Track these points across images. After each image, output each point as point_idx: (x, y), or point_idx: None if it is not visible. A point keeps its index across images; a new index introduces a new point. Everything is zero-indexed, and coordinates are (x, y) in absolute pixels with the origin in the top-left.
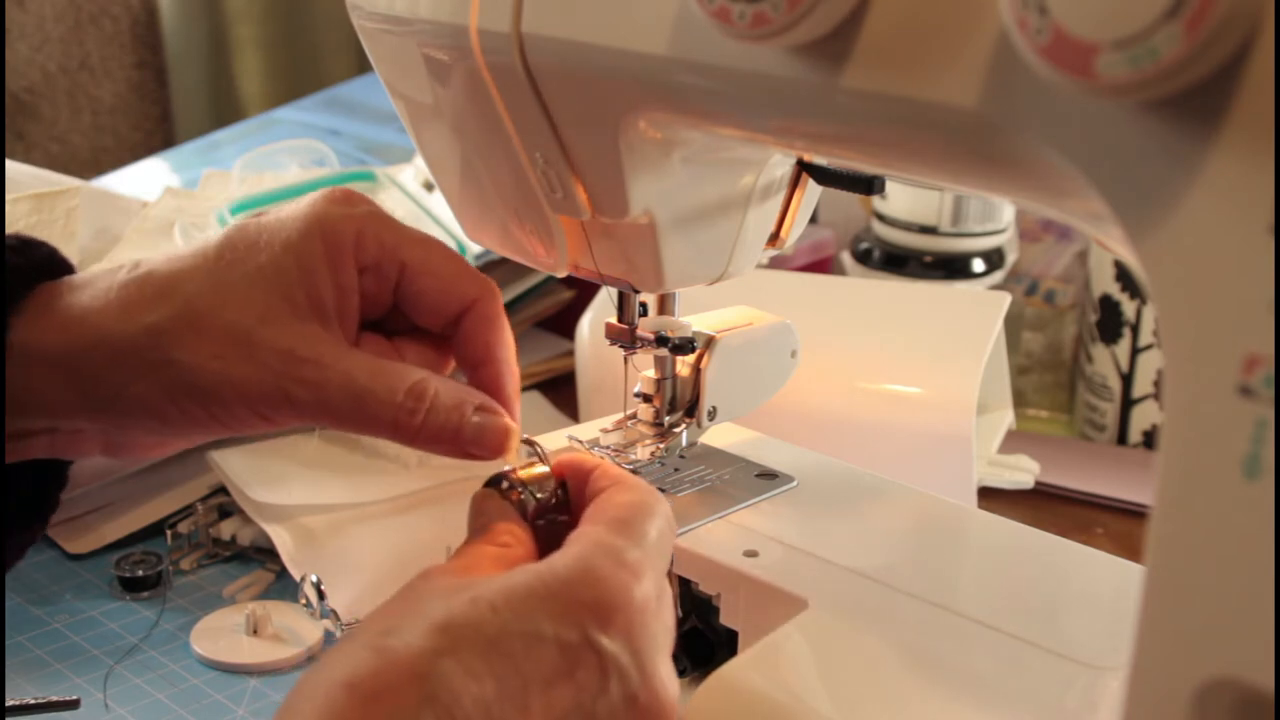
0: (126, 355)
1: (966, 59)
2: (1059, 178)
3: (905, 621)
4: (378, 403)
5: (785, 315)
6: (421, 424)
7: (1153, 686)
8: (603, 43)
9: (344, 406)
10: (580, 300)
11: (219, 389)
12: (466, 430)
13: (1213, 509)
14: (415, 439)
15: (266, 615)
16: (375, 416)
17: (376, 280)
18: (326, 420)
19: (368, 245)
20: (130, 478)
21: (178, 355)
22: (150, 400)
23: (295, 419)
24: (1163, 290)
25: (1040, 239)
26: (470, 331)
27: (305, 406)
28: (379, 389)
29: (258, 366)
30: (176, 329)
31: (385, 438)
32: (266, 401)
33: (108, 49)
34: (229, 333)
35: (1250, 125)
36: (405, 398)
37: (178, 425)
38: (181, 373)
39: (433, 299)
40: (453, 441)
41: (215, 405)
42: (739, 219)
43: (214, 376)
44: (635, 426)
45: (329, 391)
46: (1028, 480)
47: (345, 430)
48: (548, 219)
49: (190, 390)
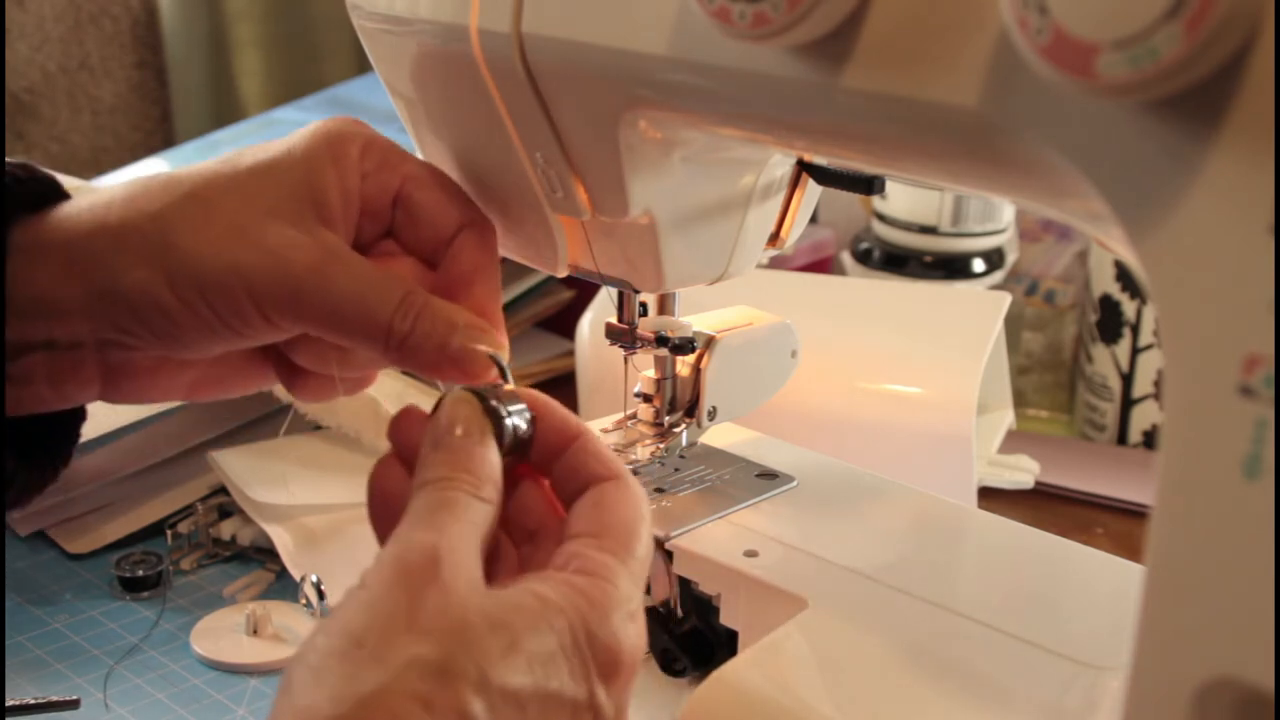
0: (128, 240)
1: (967, 59)
2: (1059, 178)
3: (905, 621)
4: (379, 301)
5: (785, 315)
6: (410, 331)
7: (1153, 686)
8: (603, 43)
9: (348, 304)
10: (580, 300)
11: (223, 277)
12: (452, 345)
13: (1213, 509)
14: (402, 349)
15: (266, 615)
16: (373, 318)
17: (378, 188)
18: (326, 326)
19: (371, 153)
20: (130, 478)
21: (182, 241)
22: (151, 290)
23: (295, 320)
24: (1163, 290)
25: (1040, 239)
26: (461, 251)
27: (310, 300)
28: (381, 288)
29: (264, 255)
30: (181, 216)
31: (374, 347)
32: (271, 295)
33: (108, 49)
34: (235, 222)
35: (1250, 125)
36: (402, 302)
37: (179, 326)
38: (185, 259)
39: (431, 213)
40: (437, 355)
41: (218, 298)
42: (739, 219)
43: (219, 263)
44: (635, 426)
45: (336, 285)
46: (1028, 480)
47: (336, 338)
48: (548, 219)
49: (193, 279)
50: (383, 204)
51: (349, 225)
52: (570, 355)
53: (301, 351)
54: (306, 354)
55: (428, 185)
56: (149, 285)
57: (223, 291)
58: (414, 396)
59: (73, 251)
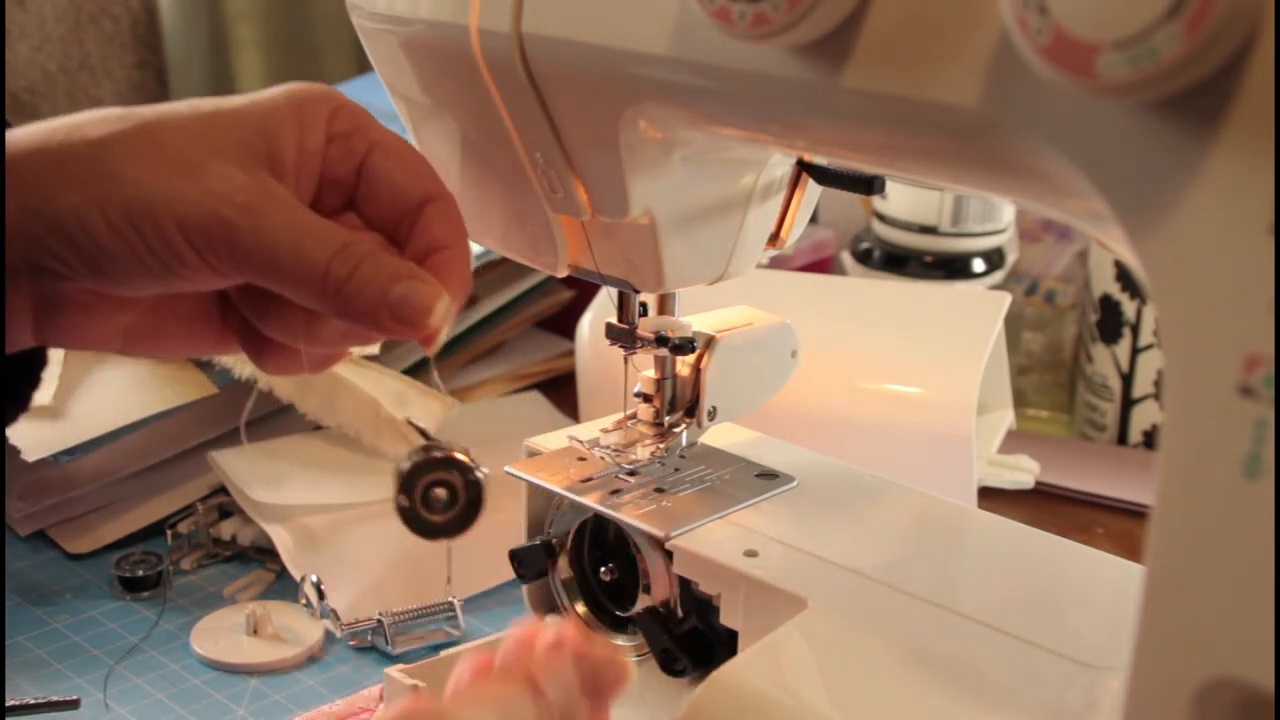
0: (66, 163)
1: (967, 59)
2: (1059, 178)
3: (905, 621)
4: (315, 244)
5: (785, 315)
6: (349, 277)
7: (1153, 686)
8: (603, 43)
9: (283, 246)
10: (580, 300)
11: (158, 210)
12: (393, 293)
13: (1213, 509)
14: (339, 296)
15: (266, 615)
16: (310, 263)
17: (343, 152)
18: (260, 269)
19: (343, 116)
20: (130, 478)
21: (121, 169)
22: (82, 214)
23: (229, 261)
24: (1163, 290)
25: (1040, 239)
26: (428, 227)
27: (243, 241)
28: (320, 232)
29: (203, 192)
30: (124, 144)
31: (310, 299)
32: (204, 231)
33: (108, 49)
34: (180, 157)
35: (1250, 125)
36: (342, 249)
37: (110, 256)
38: (122, 187)
39: (397, 182)
40: (376, 303)
41: (149, 228)
42: (739, 219)
43: (155, 195)
44: (635, 426)
45: (271, 225)
46: (1028, 480)
47: (272, 283)
48: (548, 219)
49: (124, 206)
50: (347, 170)
51: (304, 184)
52: (570, 355)
53: (269, 320)
54: (273, 323)
55: (393, 155)
56: (81, 209)
57: (154, 222)
58: (414, 397)
59: (10, 171)
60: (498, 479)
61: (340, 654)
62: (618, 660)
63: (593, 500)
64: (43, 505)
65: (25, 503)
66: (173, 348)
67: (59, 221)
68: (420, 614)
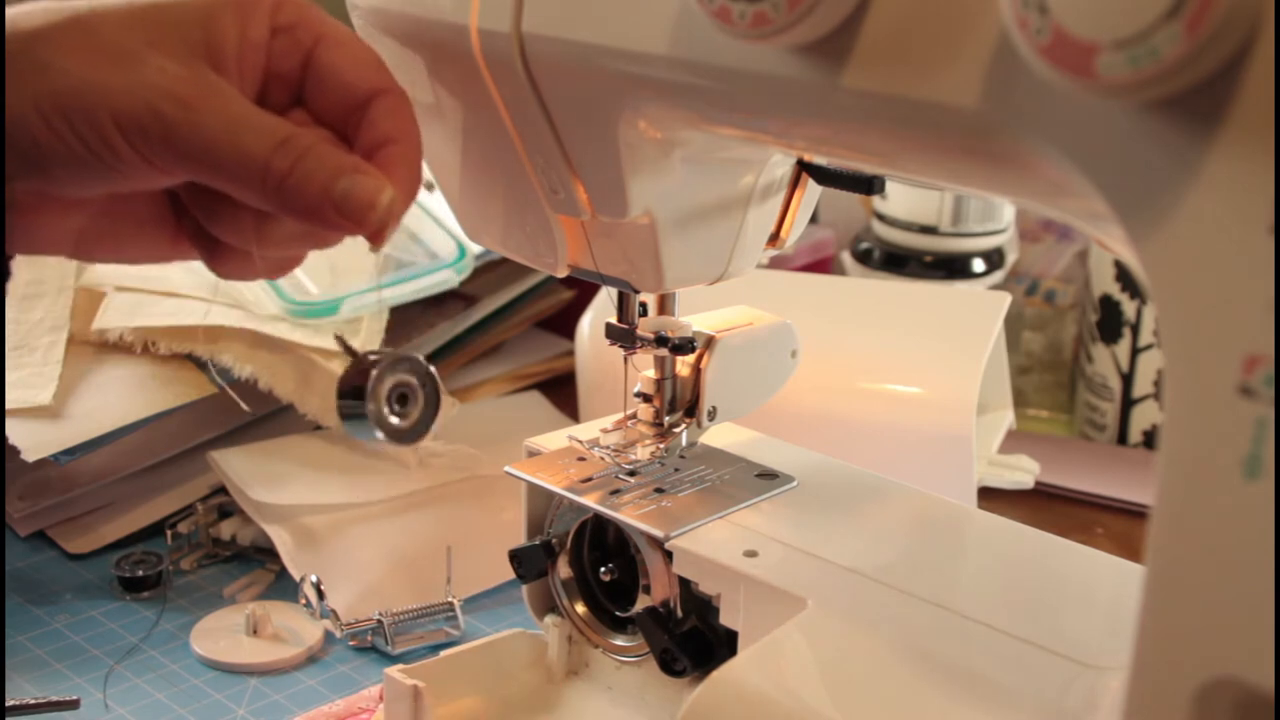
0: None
1: (966, 59)
2: (1059, 178)
3: (905, 621)
4: (255, 138)
5: (785, 315)
6: (290, 171)
7: (1153, 686)
8: (603, 43)
9: (222, 139)
10: (580, 300)
11: (89, 101)
12: (337, 187)
13: (1213, 509)
14: (280, 190)
15: (266, 615)
16: (250, 157)
17: (289, 45)
18: (199, 164)
19: (287, 8)
20: (130, 478)
21: (54, 60)
22: (15, 109)
23: (167, 155)
24: (1163, 290)
25: (1040, 239)
26: (377, 116)
27: (180, 134)
28: (260, 125)
29: (136, 82)
30: (58, 36)
31: (252, 195)
32: (139, 125)
33: None
34: (114, 47)
35: (1250, 125)
36: (284, 142)
37: (46, 154)
38: (54, 79)
39: (345, 76)
40: (319, 198)
41: (84, 123)
42: (739, 219)
43: (88, 86)
44: (635, 426)
45: (209, 118)
46: (1028, 480)
47: (211, 178)
48: (548, 219)
49: (61, 101)
50: (292, 64)
51: (247, 78)
52: (570, 355)
53: (218, 221)
54: (224, 225)
55: (341, 48)
56: (13, 104)
57: (88, 117)
58: None
59: None
60: (498, 479)
61: (340, 654)
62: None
63: (593, 500)
64: (43, 505)
65: (25, 503)
66: (127, 253)
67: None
68: (420, 614)
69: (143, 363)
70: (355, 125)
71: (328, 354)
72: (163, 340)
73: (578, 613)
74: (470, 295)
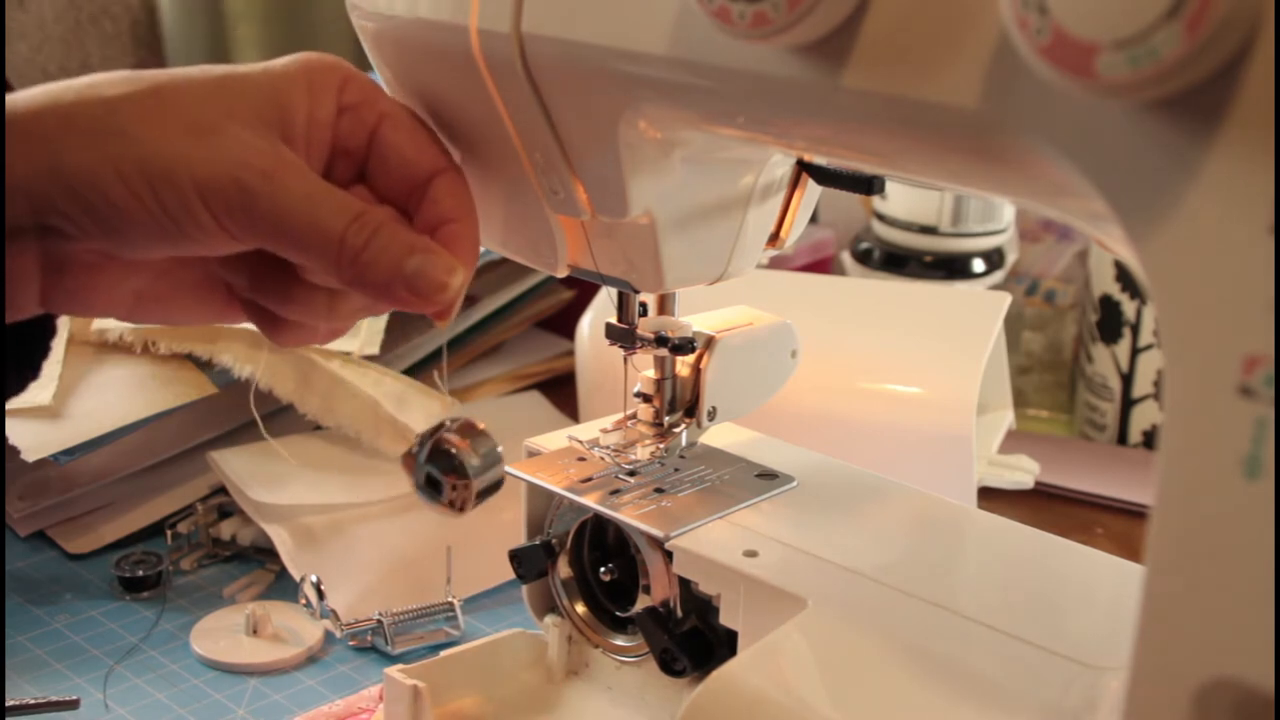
0: (78, 121)
1: (966, 59)
2: (1059, 178)
3: (905, 621)
4: (330, 213)
5: (785, 315)
6: (364, 246)
7: (1153, 686)
8: (603, 43)
9: (299, 212)
10: (580, 300)
11: (174, 168)
12: (408, 265)
13: (1213, 509)
14: (355, 264)
15: (266, 615)
16: (326, 229)
17: (354, 123)
18: (276, 235)
19: (353, 87)
20: (130, 478)
21: (134, 129)
22: (96, 173)
23: (246, 226)
24: (1163, 290)
25: (1040, 239)
26: (438, 194)
27: (260, 205)
28: (335, 200)
29: (218, 152)
30: (137, 105)
31: (325, 264)
32: (221, 193)
33: (108, 49)
34: (195, 118)
35: (1250, 125)
36: (357, 217)
37: (124, 217)
38: (134, 147)
39: (407, 154)
40: (391, 273)
41: (166, 190)
42: (739, 219)
43: (172, 154)
44: (635, 426)
45: (288, 191)
46: (1028, 480)
47: (286, 251)
48: (548, 219)
49: (144, 166)
50: (358, 142)
51: (315, 154)
52: (570, 355)
53: (290, 302)
54: (295, 305)
55: (403, 127)
56: (95, 168)
57: (171, 184)
58: (414, 397)
59: (19, 127)
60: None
61: (340, 654)
62: None
63: (592, 500)
64: (43, 505)
65: (25, 503)
66: (179, 316)
67: (70, 179)
68: (420, 614)
69: (143, 363)
70: (417, 202)
71: (328, 354)
72: (163, 340)
73: (578, 613)
74: (470, 295)
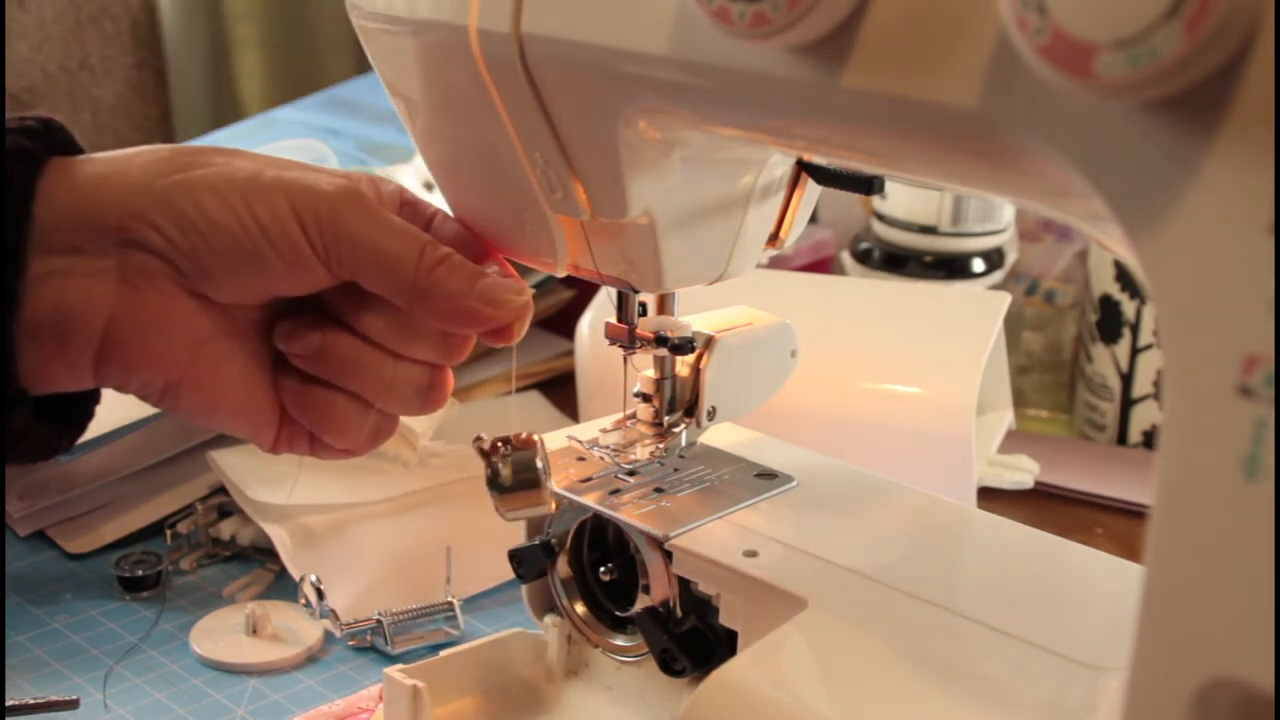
0: (178, 155)
1: (966, 59)
2: (1059, 178)
3: (905, 621)
4: (405, 238)
5: (785, 315)
6: (440, 262)
7: (1153, 686)
8: (602, 43)
9: (379, 230)
10: (580, 300)
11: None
12: (480, 282)
13: (1213, 509)
14: (431, 278)
15: (266, 615)
16: (404, 247)
17: (413, 214)
18: (356, 250)
19: (406, 195)
20: (130, 478)
21: (227, 159)
22: (192, 187)
23: (334, 244)
24: (1163, 290)
25: (1040, 239)
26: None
27: (347, 221)
28: (405, 228)
29: (309, 177)
30: (221, 152)
31: (400, 282)
32: (313, 210)
33: (108, 49)
34: (279, 160)
35: (1250, 125)
36: (428, 243)
37: (216, 228)
38: (231, 170)
39: (465, 236)
40: (465, 290)
41: (264, 207)
42: (739, 219)
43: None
44: (635, 426)
45: (370, 212)
46: (1028, 480)
47: (366, 267)
48: (548, 219)
49: (241, 186)
50: (420, 225)
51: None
52: (570, 355)
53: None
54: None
55: (453, 222)
56: (190, 182)
57: (264, 197)
58: None
59: (120, 160)
60: None
61: (340, 654)
62: None
63: (592, 500)
64: (43, 505)
65: (25, 503)
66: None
67: (166, 193)
68: (420, 614)
69: None
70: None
71: None
72: None
73: (577, 613)
74: None
